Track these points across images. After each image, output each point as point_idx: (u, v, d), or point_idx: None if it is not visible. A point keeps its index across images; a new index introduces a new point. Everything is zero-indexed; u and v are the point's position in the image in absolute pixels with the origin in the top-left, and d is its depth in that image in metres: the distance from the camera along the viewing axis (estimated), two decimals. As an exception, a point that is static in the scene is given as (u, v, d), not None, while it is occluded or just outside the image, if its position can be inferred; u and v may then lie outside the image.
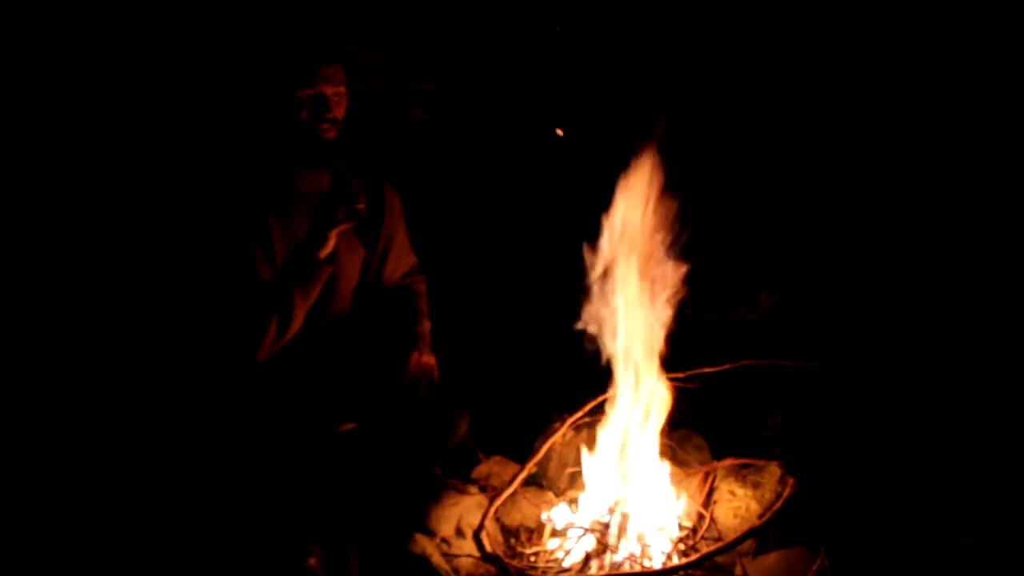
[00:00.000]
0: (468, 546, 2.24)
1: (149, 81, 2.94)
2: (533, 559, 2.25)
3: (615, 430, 2.31)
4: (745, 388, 2.78)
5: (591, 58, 3.66)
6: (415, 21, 3.66)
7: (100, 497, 2.37)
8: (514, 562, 2.20)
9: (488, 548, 2.17)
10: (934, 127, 3.48)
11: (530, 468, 2.46)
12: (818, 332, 3.05)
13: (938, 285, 3.17)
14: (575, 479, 2.49)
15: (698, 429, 2.68)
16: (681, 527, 2.27)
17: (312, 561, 2.10)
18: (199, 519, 2.22)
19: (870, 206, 3.55)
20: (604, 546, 2.17)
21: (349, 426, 2.23)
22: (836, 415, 2.65)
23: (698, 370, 2.73)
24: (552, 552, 2.26)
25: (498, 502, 2.34)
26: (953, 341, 2.91)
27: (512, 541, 2.35)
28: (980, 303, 3.05)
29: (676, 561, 2.12)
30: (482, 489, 2.50)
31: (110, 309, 2.81)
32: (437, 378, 2.25)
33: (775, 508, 2.20)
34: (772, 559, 2.14)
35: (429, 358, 2.26)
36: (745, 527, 2.20)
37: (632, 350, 2.26)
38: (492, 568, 2.16)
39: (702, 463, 2.51)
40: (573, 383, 2.72)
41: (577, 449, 2.53)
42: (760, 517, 2.24)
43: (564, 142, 3.74)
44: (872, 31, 3.58)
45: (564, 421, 2.56)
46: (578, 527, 2.25)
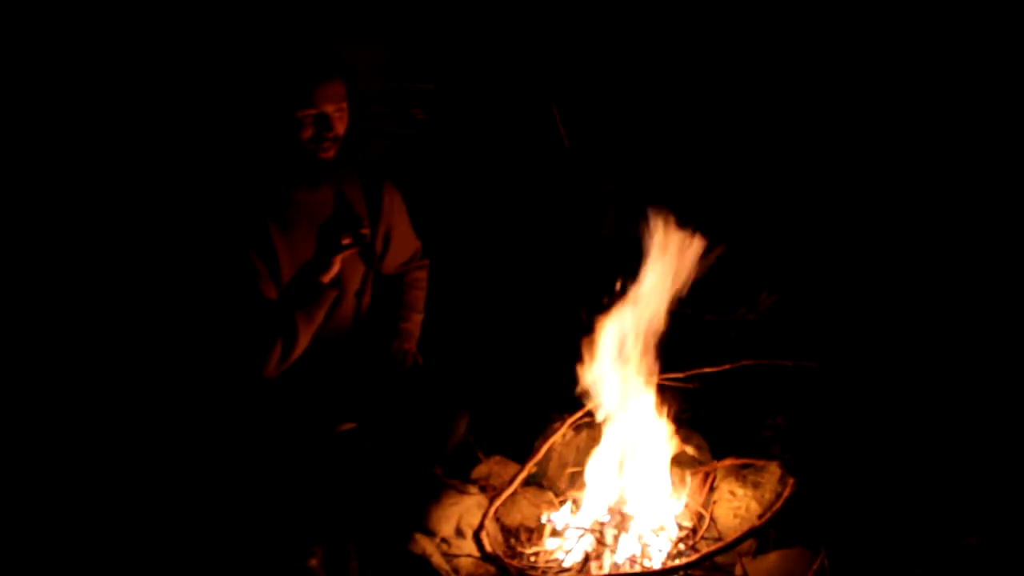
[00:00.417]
0: (468, 546, 2.25)
1: (153, 95, 2.94)
2: (533, 559, 2.25)
3: (615, 431, 2.32)
4: (745, 388, 2.78)
5: (590, 58, 3.65)
6: (415, 21, 3.66)
7: (102, 497, 2.37)
8: (514, 562, 2.20)
9: (488, 548, 2.17)
10: (934, 127, 3.48)
11: (530, 468, 2.46)
12: (818, 332, 3.05)
13: (938, 285, 3.17)
14: (575, 479, 2.49)
15: (698, 429, 2.67)
16: (681, 527, 2.27)
17: (313, 561, 2.10)
18: (201, 519, 2.22)
19: (870, 206, 3.55)
20: (604, 546, 2.18)
21: (349, 426, 2.23)
22: (836, 415, 2.64)
23: (698, 370, 2.73)
24: (552, 552, 2.26)
25: (498, 502, 2.34)
26: (953, 341, 2.91)
27: (512, 541, 2.35)
28: (980, 303, 3.05)
29: (676, 561, 2.12)
30: (482, 489, 2.50)
31: (118, 319, 2.82)
32: (421, 360, 2.32)
33: (775, 508, 2.20)
34: (772, 559, 2.14)
35: (409, 345, 2.35)
36: (745, 527, 2.21)
37: (630, 349, 2.27)
38: (492, 568, 2.16)
39: (702, 463, 2.51)
40: (573, 383, 2.72)
41: (577, 449, 2.54)
42: (760, 517, 2.24)
43: (564, 143, 3.73)
44: (872, 31, 3.58)
45: (564, 421, 2.56)
46: (578, 527, 2.25)
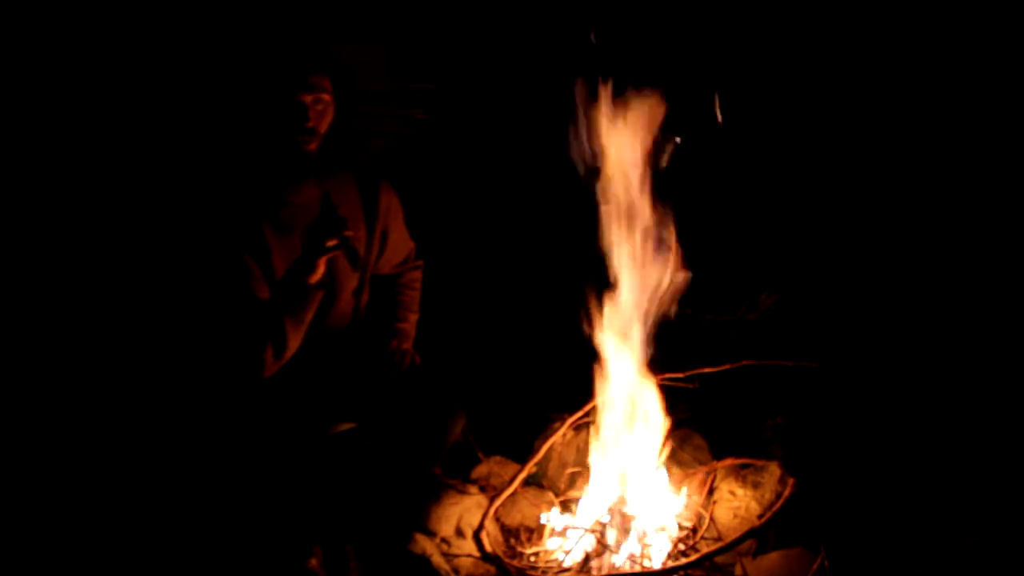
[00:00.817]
0: (468, 546, 2.25)
1: (148, 95, 2.93)
2: (533, 559, 2.25)
3: (615, 431, 2.31)
4: (745, 388, 2.77)
5: (592, 58, 3.65)
6: (415, 20, 3.66)
7: (102, 497, 2.37)
8: (514, 562, 2.20)
9: (488, 548, 2.17)
10: (934, 127, 3.48)
11: (530, 468, 2.46)
12: (818, 332, 3.05)
13: (938, 285, 3.17)
14: (575, 479, 2.49)
15: (698, 429, 2.67)
16: (681, 527, 2.27)
17: (313, 562, 2.10)
18: (201, 519, 2.22)
19: (870, 206, 3.55)
20: (604, 546, 2.17)
21: (348, 426, 2.23)
22: (836, 415, 2.64)
23: (698, 370, 2.73)
24: (552, 552, 2.26)
25: (498, 502, 2.34)
26: (953, 341, 2.91)
27: (512, 541, 2.35)
28: (980, 303, 3.05)
29: (676, 561, 2.12)
30: (482, 489, 2.50)
31: (115, 320, 2.82)
32: (419, 360, 2.31)
33: (775, 508, 2.19)
34: (772, 559, 2.13)
35: (407, 345, 2.34)
36: (745, 527, 2.20)
37: (628, 349, 2.27)
38: (492, 568, 2.16)
39: (702, 463, 2.51)
40: (573, 383, 2.72)
41: (577, 449, 2.53)
42: (760, 517, 2.24)
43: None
44: (872, 31, 3.59)
45: (564, 421, 2.56)
46: (578, 527, 2.25)
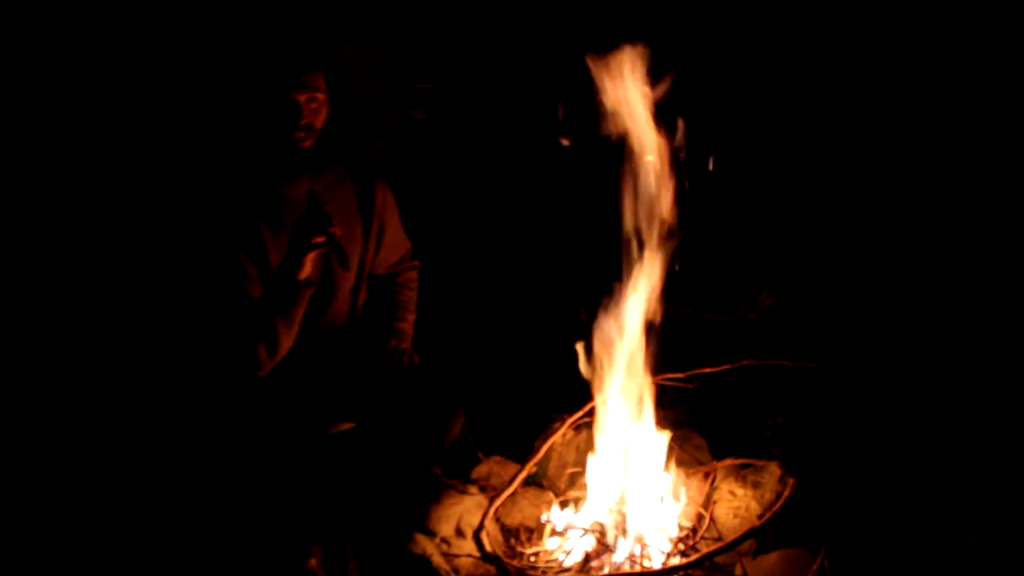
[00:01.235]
0: (468, 546, 2.25)
1: (144, 93, 2.93)
2: (533, 559, 2.25)
3: (614, 430, 2.31)
4: (745, 388, 2.77)
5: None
6: (415, 21, 3.66)
7: (101, 497, 2.37)
8: (514, 562, 2.20)
9: (488, 548, 2.17)
10: (934, 127, 3.49)
11: (530, 468, 2.46)
12: (818, 332, 3.05)
13: (938, 285, 3.17)
14: (575, 479, 2.48)
15: (698, 429, 2.67)
16: (681, 527, 2.27)
17: (312, 562, 2.09)
18: (200, 519, 2.22)
19: (870, 206, 3.55)
20: (604, 546, 2.17)
21: (348, 426, 2.23)
22: (836, 415, 2.64)
23: (698, 370, 2.73)
24: (552, 552, 2.26)
25: (498, 502, 2.34)
26: (953, 341, 2.91)
27: (512, 541, 2.35)
28: (980, 303, 3.05)
29: (676, 561, 2.12)
30: (482, 489, 2.50)
31: (112, 319, 2.81)
32: (417, 360, 2.32)
33: (775, 508, 2.19)
34: (772, 559, 2.13)
35: (406, 344, 2.35)
36: (745, 527, 2.20)
37: (626, 346, 2.27)
38: (492, 568, 2.16)
39: (702, 463, 2.51)
40: (573, 383, 2.72)
41: (577, 449, 2.53)
42: (760, 517, 2.24)
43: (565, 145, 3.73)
44: (872, 31, 3.59)
45: (564, 421, 2.56)
46: (578, 527, 2.25)
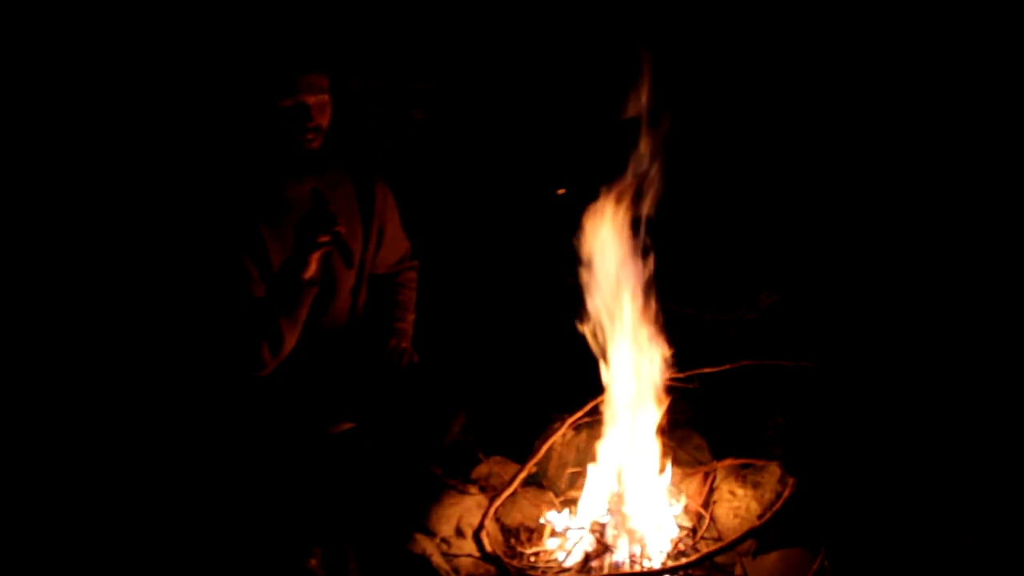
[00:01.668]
0: (468, 546, 2.25)
1: (144, 93, 2.93)
2: (533, 559, 2.25)
3: (614, 430, 2.31)
4: (745, 388, 2.78)
5: (588, 56, 3.66)
6: (415, 21, 3.66)
7: (101, 497, 2.37)
8: (514, 562, 2.20)
9: (488, 548, 2.17)
10: (934, 127, 3.49)
11: (530, 468, 2.46)
12: (818, 332, 3.05)
13: (938, 285, 3.17)
14: (575, 479, 2.49)
15: (698, 429, 2.68)
16: (681, 527, 2.27)
17: (313, 562, 2.10)
18: (201, 520, 2.22)
19: (870, 206, 3.55)
20: (604, 546, 2.18)
21: (349, 426, 2.23)
22: (836, 415, 2.65)
23: (698, 370, 2.73)
24: (552, 552, 2.26)
25: (498, 502, 2.34)
26: (953, 341, 2.91)
27: (512, 541, 2.35)
28: (980, 303, 3.06)
29: (676, 561, 2.12)
30: (482, 489, 2.50)
31: (114, 320, 2.81)
32: (417, 359, 2.32)
33: (775, 508, 2.20)
34: (772, 559, 2.14)
35: (406, 344, 2.35)
36: (745, 527, 2.20)
37: (627, 348, 2.26)
38: (492, 568, 2.16)
39: (702, 463, 2.51)
40: (573, 383, 2.72)
41: (577, 449, 2.54)
42: (760, 517, 2.24)
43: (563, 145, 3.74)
44: (872, 31, 3.59)
45: (564, 421, 2.56)
46: (578, 527, 2.25)
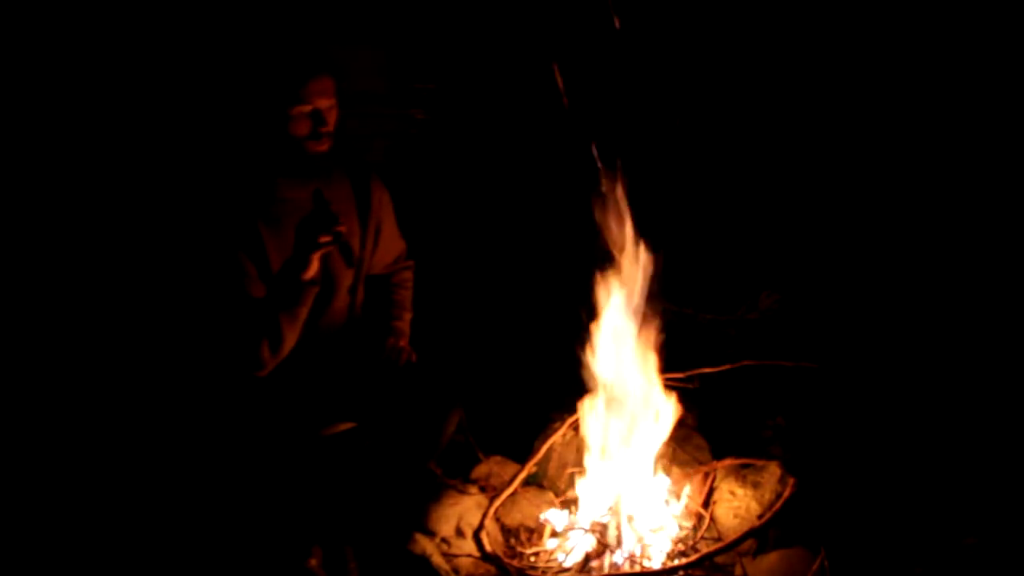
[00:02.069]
0: (468, 546, 2.25)
1: (147, 93, 2.93)
2: (533, 559, 2.26)
3: (614, 430, 2.31)
4: (745, 388, 2.78)
5: (592, 57, 3.66)
6: (415, 21, 3.66)
7: (102, 498, 2.37)
8: (514, 562, 2.20)
9: (488, 548, 2.17)
10: (934, 127, 3.49)
11: (530, 468, 2.46)
12: (818, 332, 3.05)
13: (938, 285, 3.17)
14: (575, 479, 2.49)
15: (698, 429, 2.68)
16: (681, 527, 2.27)
17: (313, 562, 2.10)
18: (201, 520, 2.22)
19: (870, 206, 3.55)
20: (604, 546, 2.18)
21: (348, 426, 2.23)
22: (836, 415, 2.65)
23: (698, 370, 2.73)
24: (552, 552, 2.26)
25: (498, 502, 2.34)
26: (953, 341, 2.91)
27: (512, 541, 2.35)
28: (980, 303, 3.05)
29: (676, 561, 2.12)
30: (482, 489, 2.50)
31: (113, 317, 2.81)
32: (415, 358, 2.31)
33: (775, 508, 2.20)
34: (772, 559, 2.14)
35: (404, 343, 2.35)
36: (745, 527, 2.20)
37: (629, 350, 2.27)
38: (492, 568, 2.16)
39: (702, 463, 2.51)
40: (573, 383, 2.72)
41: (577, 449, 2.53)
42: (760, 517, 2.24)
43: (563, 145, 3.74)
44: (872, 31, 3.59)
45: (564, 421, 2.56)
46: (578, 527, 2.25)
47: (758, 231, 3.64)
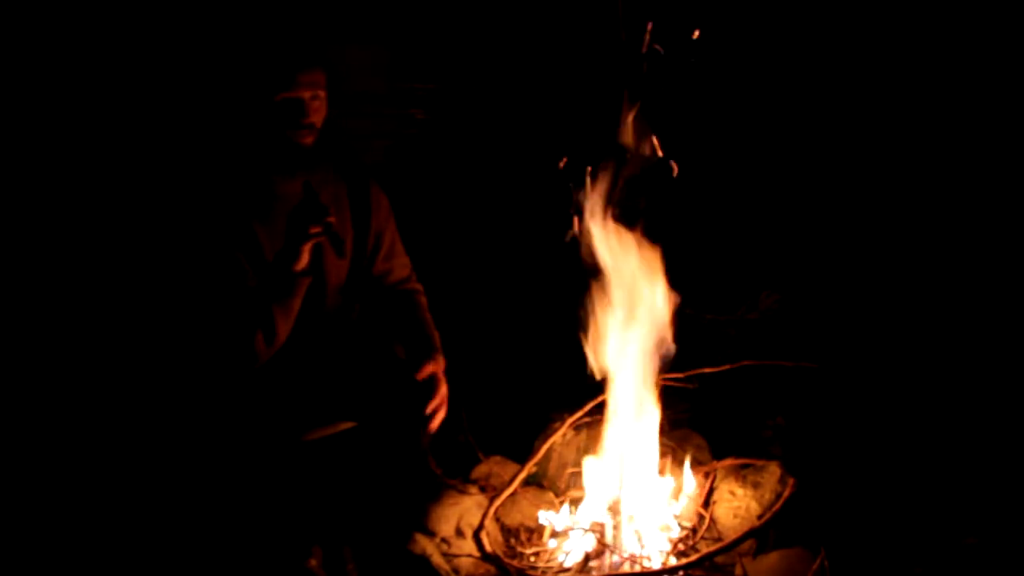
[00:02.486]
0: (468, 546, 2.25)
1: (135, 83, 2.92)
2: (533, 559, 2.26)
3: (614, 430, 2.31)
4: (745, 388, 2.77)
5: (587, 56, 3.66)
6: (415, 21, 3.66)
7: (101, 498, 2.37)
8: (514, 562, 2.20)
9: (488, 548, 2.18)
10: (934, 127, 3.48)
11: (530, 468, 2.46)
12: (818, 332, 3.05)
13: (938, 285, 3.17)
14: (575, 479, 2.49)
15: (698, 429, 2.67)
16: (681, 527, 2.27)
17: (312, 562, 2.10)
18: (200, 520, 2.22)
19: (870, 206, 3.55)
20: (604, 546, 2.18)
21: (347, 425, 2.23)
22: (836, 415, 2.65)
23: (698, 370, 2.73)
24: (552, 552, 2.26)
25: (498, 502, 2.34)
26: (953, 341, 2.91)
27: (512, 541, 2.35)
28: (980, 303, 3.05)
29: (676, 561, 2.12)
30: (482, 489, 2.50)
31: (106, 313, 2.81)
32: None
33: (775, 508, 2.20)
34: (772, 559, 2.14)
35: (440, 369, 2.22)
36: (745, 527, 2.20)
37: (627, 350, 2.26)
38: (492, 568, 2.16)
39: (702, 463, 2.51)
40: (573, 383, 2.72)
41: (577, 449, 2.53)
42: (760, 517, 2.24)
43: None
44: (872, 31, 3.58)
45: (564, 421, 2.56)
46: (578, 527, 2.25)
47: (758, 231, 3.64)
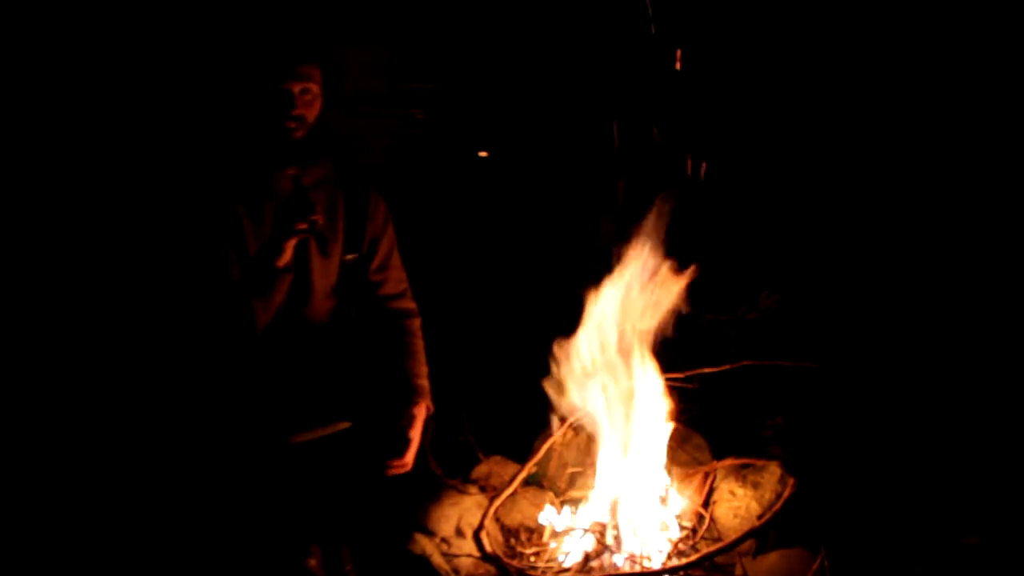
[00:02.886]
0: (468, 546, 2.25)
1: (127, 77, 2.92)
2: (533, 559, 2.26)
3: (615, 430, 2.31)
4: (745, 388, 2.78)
5: (590, 56, 3.66)
6: (415, 21, 3.66)
7: (101, 498, 2.36)
8: (514, 562, 2.20)
9: (488, 548, 2.17)
10: (934, 127, 3.48)
11: (530, 468, 2.46)
12: (818, 332, 3.05)
13: (938, 285, 3.17)
14: (575, 479, 2.49)
15: (698, 429, 2.67)
16: (681, 527, 2.27)
17: (312, 562, 2.10)
18: (200, 520, 2.22)
19: (870, 206, 3.55)
20: (604, 546, 2.18)
21: (344, 425, 2.22)
22: (836, 415, 2.65)
23: (698, 370, 2.73)
24: (552, 552, 2.26)
25: (498, 502, 2.34)
26: (953, 341, 2.91)
27: (512, 541, 2.35)
28: (980, 303, 3.05)
29: (676, 561, 2.12)
30: (482, 489, 2.50)
31: (99, 311, 2.80)
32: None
33: (775, 508, 2.20)
34: (772, 559, 2.14)
35: (427, 406, 2.19)
36: (745, 527, 2.20)
37: (630, 349, 2.26)
38: (492, 568, 2.16)
39: (702, 463, 2.51)
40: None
41: (577, 449, 2.53)
42: (760, 517, 2.24)
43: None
44: (872, 31, 3.58)
45: (564, 421, 2.56)
46: (578, 527, 2.25)
47: (758, 231, 3.64)
